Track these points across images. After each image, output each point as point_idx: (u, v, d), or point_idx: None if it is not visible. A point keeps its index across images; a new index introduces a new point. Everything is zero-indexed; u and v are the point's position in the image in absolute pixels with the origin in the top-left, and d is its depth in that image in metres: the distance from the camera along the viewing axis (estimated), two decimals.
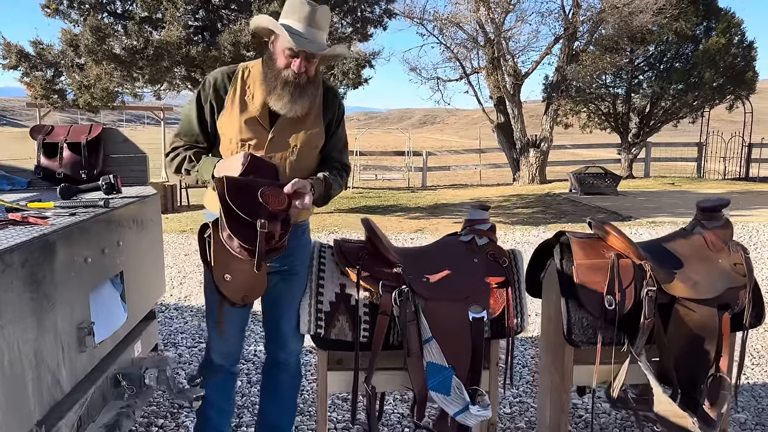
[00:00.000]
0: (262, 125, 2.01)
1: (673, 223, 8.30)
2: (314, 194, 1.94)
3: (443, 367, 2.22)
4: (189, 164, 1.99)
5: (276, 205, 1.80)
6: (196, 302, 4.68)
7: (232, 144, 2.00)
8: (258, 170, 1.84)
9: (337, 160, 2.17)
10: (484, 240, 2.33)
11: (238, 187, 1.79)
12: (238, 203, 1.78)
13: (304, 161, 2.06)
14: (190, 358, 3.58)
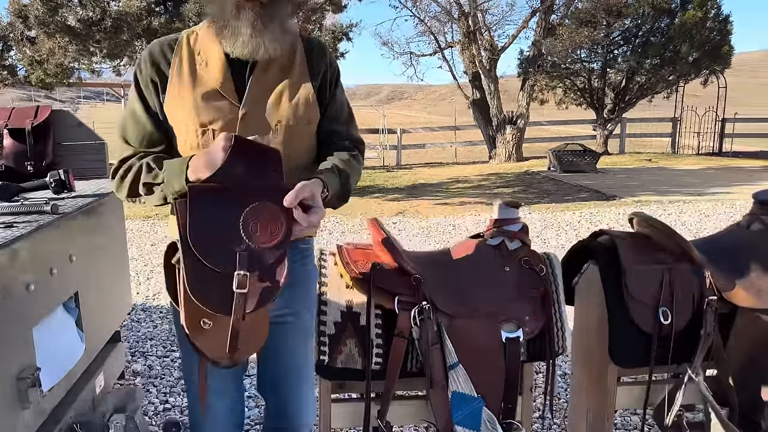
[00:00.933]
0: (226, 98, 1.43)
1: (659, 202, 8.10)
2: (327, 196, 1.37)
3: (471, 398, 1.86)
4: (148, 175, 1.37)
5: (266, 239, 1.24)
6: (166, 301, 4.24)
7: (189, 132, 1.43)
8: (248, 160, 1.27)
9: (344, 136, 1.58)
10: (516, 243, 1.96)
11: (208, 205, 1.23)
12: (203, 242, 1.21)
13: (295, 146, 1.48)
14: (161, 371, 3.16)
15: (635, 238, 2.07)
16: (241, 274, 1.21)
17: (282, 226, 1.25)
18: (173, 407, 2.79)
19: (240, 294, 1.21)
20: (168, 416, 2.66)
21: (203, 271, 1.21)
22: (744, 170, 11.51)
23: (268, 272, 1.24)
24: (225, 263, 1.21)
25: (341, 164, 1.49)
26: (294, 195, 1.25)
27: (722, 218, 6.93)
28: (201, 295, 1.20)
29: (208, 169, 1.27)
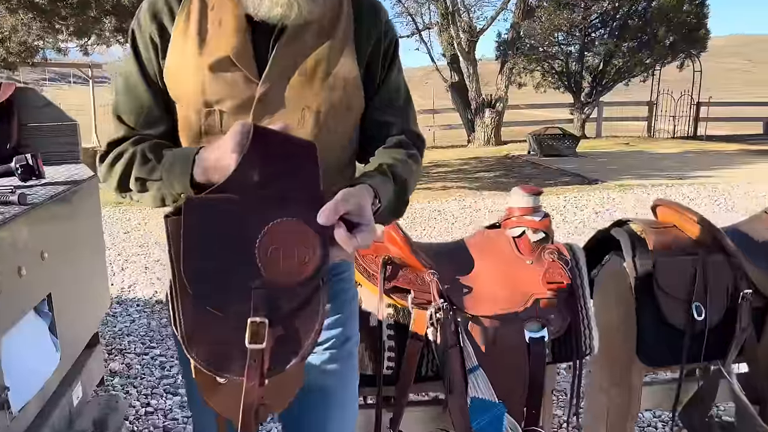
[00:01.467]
0: (241, 70, 1.09)
1: (642, 186, 8.06)
2: (379, 209, 1.02)
3: (492, 403, 1.70)
4: (142, 167, 1.06)
5: (293, 271, 0.89)
6: (143, 293, 4.01)
7: (189, 112, 1.11)
8: (271, 159, 0.93)
9: (399, 129, 1.21)
10: (539, 234, 1.80)
11: (212, 224, 0.89)
12: (203, 276, 0.88)
13: (328, 140, 1.11)
14: (141, 369, 2.95)
15: (663, 228, 1.92)
16: (257, 321, 0.87)
17: (315, 252, 0.90)
18: (156, 410, 2.59)
19: (255, 351, 0.87)
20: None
21: (203, 316, 0.88)
22: (721, 154, 11.57)
23: (292, 320, 0.90)
24: (233, 305, 0.88)
25: (397, 166, 1.12)
26: (333, 208, 0.89)
27: (706, 202, 6.89)
28: (202, 351, 0.88)
29: (216, 172, 0.96)
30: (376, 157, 1.16)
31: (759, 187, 7.82)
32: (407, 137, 1.22)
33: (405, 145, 1.20)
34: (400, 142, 1.20)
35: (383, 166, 1.11)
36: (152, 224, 5.89)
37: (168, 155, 1.05)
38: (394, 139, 1.19)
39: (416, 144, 1.23)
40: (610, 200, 7.11)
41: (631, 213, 6.35)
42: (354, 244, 0.90)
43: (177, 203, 1.05)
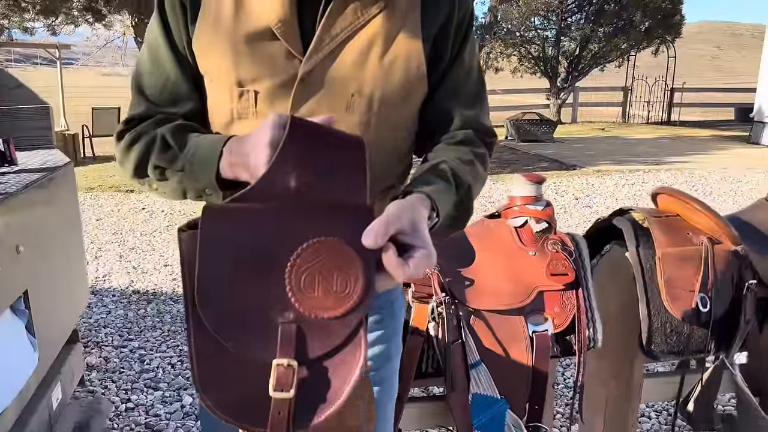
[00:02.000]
0: (284, 45, 0.94)
1: (620, 171, 8.10)
2: (437, 224, 0.86)
3: (494, 399, 1.65)
4: (163, 155, 0.92)
5: (330, 304, 0.73)
6: (119, 283, 3.88)
7: (220, 90, 0.97)
8: (310, 160, 0.79)
9: (467, 122, 1.03)
10: (542, 224, 1.73)
11: (234, 240, 0.76)
12: (221, 306, 0.74)
13: (383, 130, 0.98)
14: (119, 363, 2.84)
15: (666, 217, 1.87)
16: (284, 364, 0.72)
17: (358, 281, 0.73)
18: (137, 406, 2.49)
19: (280, 401, 0.72)
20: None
21: (220, 355, 0.74)
22: (695, 139, 11.70)
23: (327, 364, 0.74)
24: (256, 342, 0.73)
25: (461, 168, 0.94)
26: (383, 227, 0.73)
27: (684, 188, 6.93)
28: (217, 396, 0.73)
29: (245, 168, 0.82)
30: (437, 153, 0.99)
31: (733, 173, 7.92)
32: (476, 132, 1.03)
33: (472, 142, 1.02)
34: (467, 137, 1.01)
35: (444, 169, 0.92)
36: (125, 210, 5.71)
37: (192, 142, 0.91)
38: (461, 133, 1.01)
39: (485, 141, 1.05)
40: (590, 186, 7.13)
41: (610, 199, 6.37)
42: (406, 273, 0.73)
43: (201, 199, 0.93)
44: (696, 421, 1.85)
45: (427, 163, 0.98)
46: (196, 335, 0.73)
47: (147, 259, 4.32)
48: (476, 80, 1.06)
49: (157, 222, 5.29)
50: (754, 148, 10.59)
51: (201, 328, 0.73)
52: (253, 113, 0.95)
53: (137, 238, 4.80)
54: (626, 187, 7.04)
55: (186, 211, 5.54)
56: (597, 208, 5.89)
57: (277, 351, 0.72)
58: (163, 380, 2.67)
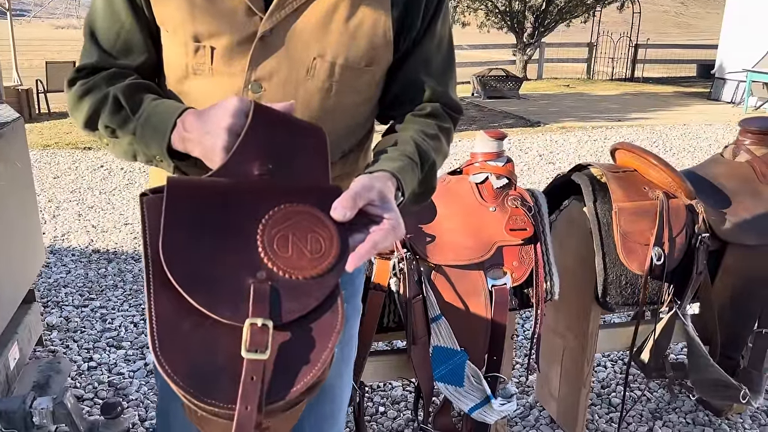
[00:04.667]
0: (244, 0, 0.89)
1: (583, 128, 8.16)
2: (402, 202, 0.86)
3: (454, 351, 1.68)
4: (114, 116, 0.88)
5: (304, 263, 0.71)
6: (78, 242, 3.80)
7: (175, 43, 0.92)
8: (272, 145, 0.79)
9: (434, 95, 1.01)
10: (502, 180, 1.74)
11: (200, 207, 0.73)
12: (188, 263, 0.70)
13: (345, 98, 0.95)
14: (80, 323, 2.80)
15: (623, 172, 1.90)
16: (258, 324, 0.67)
17: (333, 243, 0.72)
18: (99, 365, 2.47)
19: (254, 363, 0.66)
20: (107, 398, 2.35)
21: (184, 316, 0.68)
22: (658, 96, 11.84)
23: (303, 326, 0.70)
24: (226, 304, 0.68)
25: (426, 144, 0.93)
26: (351, 200, 0.73)
27: (645, 144, 7.05)
28: (179, 364, 0.66)
29: (201, 146, 0.80)
30: (404, 125, 0.98)
31: (694, 129, 8.07)
32: (443, 106, 1.01)
33: (439, 115, 1.00)
34: (435, 111, 1.00)
35: (409, 145, 0.91)
36: (83, 168, 5.56)
37: (146, 107, 0.87)
38: (428, 107, 1.00)
39: (451, 116, 1.04)
40: (553, 143, 7.18)
41: (573, 156, 6.44)
42: (377, 245, 0.72)
43: (151, 164, 0.90)
44: (649, 369, 1.92)
45: (392, 135, 0.98)
46: (156, 296, 0.69)
47: (107, 217, 4.23)
48: (445, 52, 1.03)
49: (116, 180, 5.17)
50: (715, 104, 10.78)
51: (163, 288, 0.69)
52: (209, 70, 0.92)
53: (96, 197, 4.69)
54: (589, 143, 7.12)
55: (146, 168, 5.43)
56: (560, 165, 5.95)
57: (250, 310, 0.68)
58: (126, 339, 2.65)
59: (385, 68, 0.98)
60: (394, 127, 1.00)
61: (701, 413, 2.17)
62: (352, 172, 1.04)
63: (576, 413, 2.02)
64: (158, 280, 0.69)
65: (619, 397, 2.26)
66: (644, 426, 2.10)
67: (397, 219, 0.76)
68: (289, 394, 0.68)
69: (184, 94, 0.95)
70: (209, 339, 0.68)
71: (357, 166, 1.07)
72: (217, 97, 0.86)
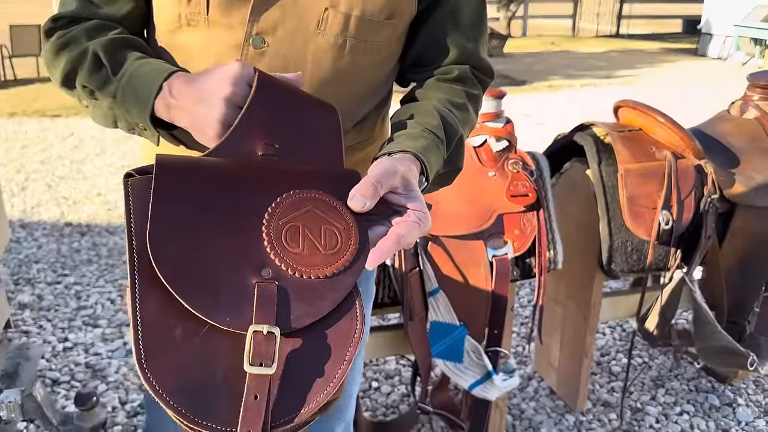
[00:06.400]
0: None
1: (571, 86, 8.03)
2: (426, 187, 0.76)
3: (453, 327, 1.58)
4: (94, 75, 0.76)
5: (316, 261, 0.60)
6: (49, 215, 3.62)
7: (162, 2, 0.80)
8: (282, 120, 0.69)
9: (464, 55, 0.87)
10: (502, 143, 1.62)
11: (195, 192, 0.61)
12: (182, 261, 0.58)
13: (361, 55, 0.81)
14: (54, 300, 2.66)
15: (628, 131, 1.78)
16: (262, 331, 0.56)
17: (348, 236, 0.62)
18: (75, 345, 2.34)
19: (257, 379, 0.55)
20: (82, 388, 2.22)
21: (175, 323, 0.57)
22: (644, 52, 11.69)
23: (316, 334, 0.59)
24: (225, 308, 0.57)
25: (452, 118, 0.81)
26: (371, 188, 0.63)
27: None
28: (168, 379, 0.55)
29: (193, 116, 0.69)
30: (426, 92, 0.85)
31: (682, 85, 7.97)
32: (473, 69, 0.88)
33: (467, 80, 0.87)
34: (464, 74, 0.87)
35: (434, 118, 0.78)
36: (52, 136, 5.33)
37: (129, 66, 0.75)
38: (455, 70, 0.86)
39: (481, 80, 0.90)
40: (540, 102, 7.04)
41: (560, 114, 6.32)
42: (402, 240, 0.62)
43: (133, 132, 0.78)
44: (654, 338, 1.83)
45: (412, 104, 0.84)
46: (142, 297, 0.57)
47: (78, 188, 4.05)
48: (477, 6, 0.88)
49: (88, 148, 4.96)
50: (702, 60, 10.67)
51: (150, 287, 0.57)
52: (205, 21, 0.78)
53: (66, 167, 4.49)
54: (577, 102, 6.99)
55: (119, 136, 5.21)
56: (549, 125, 5.83)
57: (254, 315, 0.57)
58: (103, 317, 2.52)
59: (407, 22, 0.84)
60: (415, 93, 0.87)
61: (704, 380, 2.11)
62: (367, 142, 0.93)
63: (577, 384, 1.94)
64: (145, 277, 0.58)
65: (619, 365, 2.19)
66: (646, 394, 2.04)
67: (423, 209, 0.66)
68: (299, 416, 0.57)
69: (175, 49, 0.81)
70: (205, 349, 0.57)
71: (372, 134, 0.95)
72: (212, 53, 0.75)
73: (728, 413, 1.95)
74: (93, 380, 2.12)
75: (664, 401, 2.01)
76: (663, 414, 1.95)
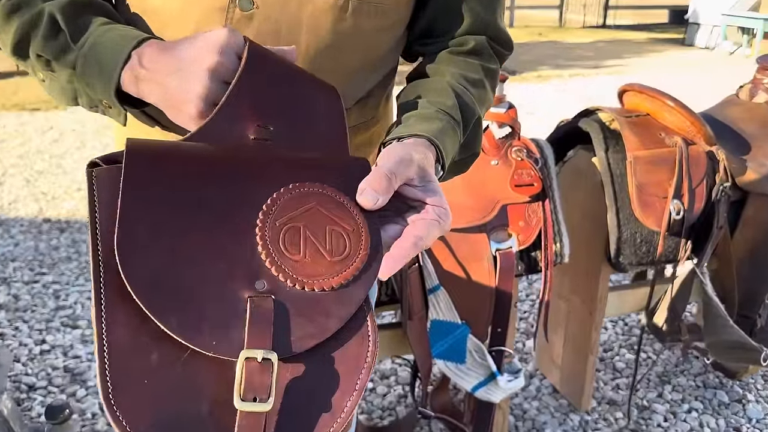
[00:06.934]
0: None
1: (560, 76, 7.95)
2: (442, 175, 0.65)
3: (454, 325, 1.49)
4: (49, 42, 0.62)
5: (320, 269, 0.50)
6: (27, 211, 3.48)
7: None
8: (277, 99, 0.57)
9: (479, 24, 0.76)
10: (505, 129, 1.52)
11: (174, 187, 0.50)
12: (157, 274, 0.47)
13: (365, 22, 0.69)
14: (31, 300, 2.54)
15: (636, 116, 1.69)
16: (257, 358, 0.46)
17: (358, 239, 0.52)
18: (53, 348, 2.22)
19: (251, 417, 0.46)
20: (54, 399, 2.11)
21: (150, 347, 0.47)
22: (631, 42, 11.65)
23: (320, 359, 0.49)
24: (210, 329, 0.47)
25: (468, 96, 0.72)
26: (384, 180, 0.53)
27: None
28: (145, 420, 0.45)
29: (165, 90, 0.58)
30: (439, 66, 0.74)
31: (671, 74, 7.92)
32: (491, 40, 0.78)
33: (483, 53, 0.77)
34: (480, 46, 0.76)
35: (448, 96, 0.68)
36: (31, 130, 5.16)
37: (92, 31, 0.62)
38: (471, 41, 0.76)
39: (499, 53, 0.80)
40: (531, 92, 6.96)
41: (551, 104, 6.24)
42: (420, 242, 0.53)
43: (96, 110, 0.66)
44: (664, 333, 1.75)
45: (422, 81, 0.74)
46: (110, 317, 0.46)
47: (57, 183, 3.91)
48: None
49: (68, 142, 4.80)
50: (690, 49, 10.64)
51: (119, 305, 0.46)
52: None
53: (46, 161, 4.33)
54: (567, 92, 6.92)
55: (99, 127, 5.05)
56: (540, 115, 5.75)
57: (246, 338, 0.47)
58: (82, 317, 2.40)
59: None
60: (426, 68, 0.76)
61: (711, 375, 2.03)
62: (371, 123, 0.83)
63: (582, 382, 1.85)
64: (112, 293, 0.47)
65: (623, 361, 2.11)
66: (653, 392, 1.96)
67: (443, 204, 0.56)
68: None
69: (147, 13, 0.69)
70: (187, 379, 0.46)
71: (377, 113, 0.84)
72: (191, 18, 0.63)
73: (738, 410, 1.88)
74: (72, 385, 2.01)
75: (671, 398, 1.93)
76: (671, 412, 1.87)
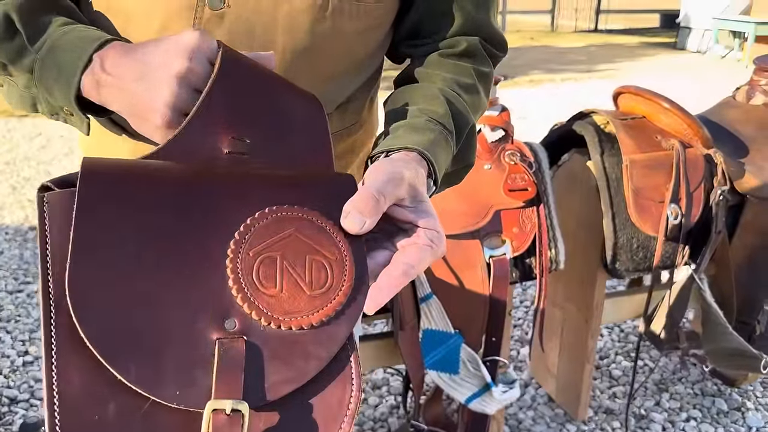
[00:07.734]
0: None
1: (552, 80, 7.95)
2: (435, 191, 0.60)
3: (447, 335, 1.44)
4: (4, 43, 0.57)
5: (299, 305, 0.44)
6: (12, 218, 3.42)
7: None
8: (253, 110, 0.51)
9: (471, 25, 0.71)
10: (498, 133, 1.48)
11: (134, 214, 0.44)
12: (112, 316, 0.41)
13: (346, 22, 0.64)
14: (15, 310, 2.48)
15: (631, 119, 1.65)
16: (226, 410, 0.41)
17: (341, 269, 0.46)
18: (36, 359, 2.16)
19: None
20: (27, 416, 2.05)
21: (107, 402, 0.41)
22: (623, 47, 11.68)
23: (298, 409, 0.44)
24: (178, 375, 0.42)
25: (461, 103, 0.67)
26: (372, 199, 0.47)
27: None
28: None
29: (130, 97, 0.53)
30: (427, 69, 0.70)
31: (663, 78, 7.93)
32: (484, 42, 0.72)
33: (477, 55, 0.72)
34: (473, 48, 0.71)
35: (439, 104, 0.63)
36: (19, 137, 5.10)
37: (51, 33, 0.57)
38: (462, 42, 0.71)
39: (493, 55, 0.75)
40: (522, 96, 6.94)
41: (543, 108, 6.22)
42: (411, 270, 0.48)
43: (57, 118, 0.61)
44: (662, 340, 1.71)
45: (410, 87, 0.69)
46: (61, 365, 0.41)
47: None
48: None
49: (56, 148, 4.74)
50: (681, 53, 10.67)
51: (72, 351, 0.41)
52: None
53: (33, 168, 4.27)
54: (559, 96, 6.91)
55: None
56: (533, 120, 5.72)
57: (213, 386, 0.41)
58: None
59: None
60: (414, 72, 0.71)
61: (709, 382, 2.00)
62: (354, 128, 0.78)
63: (578, 391, 1.81)
64: (64, 337, 0.41)
65: (619, 369, 2.07)
66: (650, 400, 1.92)
67: (436, 227, 0.51)
68: None
69: (111, 11, 0.64)
70: None
71: (360, 118, 0.79)
72: (157, 17, 0.59)
73: (737, 418, 1.84)
74: (35, 416, 1.94)
75: (669, 407, 1.89)
76: (669, 421, 1.83)
